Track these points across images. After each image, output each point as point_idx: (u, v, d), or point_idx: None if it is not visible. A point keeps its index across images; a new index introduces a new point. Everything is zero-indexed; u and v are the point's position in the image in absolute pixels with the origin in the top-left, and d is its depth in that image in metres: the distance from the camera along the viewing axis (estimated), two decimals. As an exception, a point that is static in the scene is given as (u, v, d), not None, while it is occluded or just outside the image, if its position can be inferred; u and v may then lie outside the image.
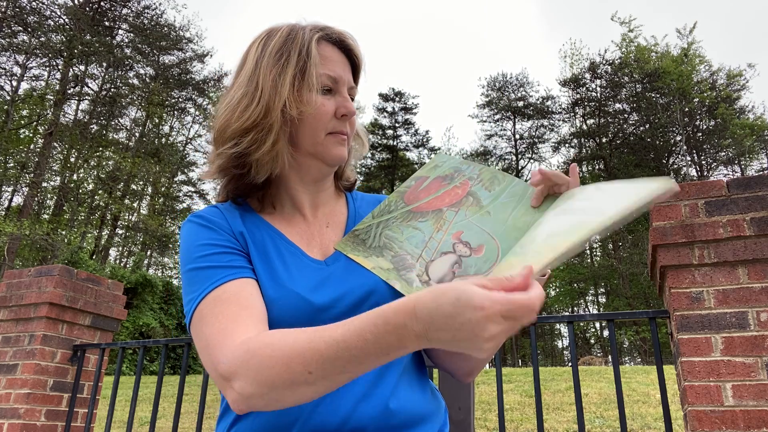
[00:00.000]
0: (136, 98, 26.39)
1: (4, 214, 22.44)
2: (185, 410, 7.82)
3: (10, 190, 23.98)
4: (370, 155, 36.77)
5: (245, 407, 0.72)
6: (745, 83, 30.09)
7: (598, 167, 33.35)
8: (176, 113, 30.47)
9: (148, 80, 27.04)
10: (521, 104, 35.41)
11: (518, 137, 35.71)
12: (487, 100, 36.36)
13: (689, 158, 31.25)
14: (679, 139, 30.86)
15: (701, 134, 30.93)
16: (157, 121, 29.09)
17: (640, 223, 27.54)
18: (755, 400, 1.87)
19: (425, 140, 37.43)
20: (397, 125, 37.00)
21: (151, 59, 26.76)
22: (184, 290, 0.87)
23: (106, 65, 24.73)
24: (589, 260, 31.90)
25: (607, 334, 30.31)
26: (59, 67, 23.04)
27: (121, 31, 25.87)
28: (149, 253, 28.26)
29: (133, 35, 25.87)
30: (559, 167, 34.50)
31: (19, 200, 23.61)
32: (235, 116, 0.91)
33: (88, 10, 24.22)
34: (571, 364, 4.18)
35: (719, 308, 2.00)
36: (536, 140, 35.36)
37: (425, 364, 1.00)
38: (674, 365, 2.19)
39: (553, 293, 33.12)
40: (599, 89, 33.20)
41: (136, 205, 28.51)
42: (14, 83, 22.39)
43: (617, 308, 27.92)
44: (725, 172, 31.11)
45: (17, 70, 22.31)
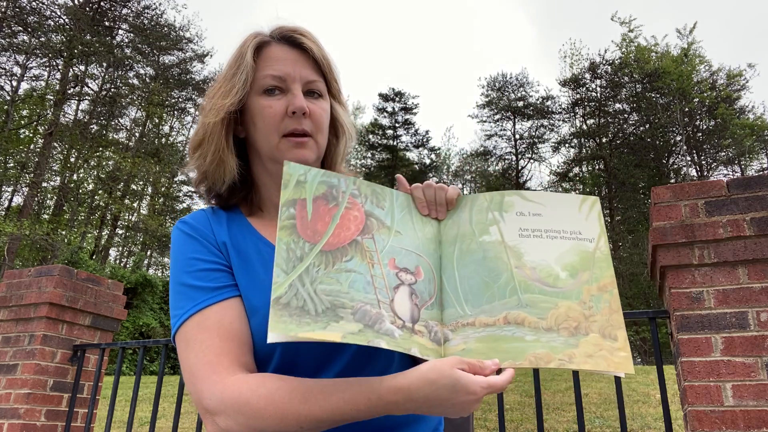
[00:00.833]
0: (136, 98, 26.36)
1: (4, 214, 22.44)
2: (185, 410, 7.81)
3: (10, 190, 23.97)
4: (370, 155, 36.79)
5: None
6: (745, 83, 30.07)
7: (598, 167, 33.32)
8: (176, 113, 30.45)
9: (148, 80, 27.02)
10: (521, 104, 35.37)
11: (518, 137, 35.68)
12: (487, 100, 36.32)
13: (689, 158, 31.24)
14: (679, 139, 30.84)
15: (701, 134, 30.91)
16: (157, 121, 29.07)
17: (640, 223, 27.54)
18: (755, 400, 1.87)
19: (425, 140, 37.41)
20: (397, 125, 36.97)
21: (151, 59, 26.74)
22: (170, 302, 0.91)
23: (106, 65, 24.71)
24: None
25: (607, 334, 30.04)
26: (59, 67, 23.02)
27: (121, 31, 25.85)
28: (149, 253, 28.25)
29: (133, 35, 25.85)
30: (559, 167, 34.53)
31: (19, 200, 23.61)
32: (193, 134, 0.99)
33: (88, 10, 24.20)
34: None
35: (719, 308, 2.00)
36: (536, 140, 35.32)
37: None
38: (674, 365, 2.19)
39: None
40: (599, 89, 33.18)
41: (136, 205, 28.51)
42: (14, 83, 22.39)
43: (617, 308, 27.70)
44: (725, 172, 31.10)
45: (17, 70, 22.30)
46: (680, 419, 5.84)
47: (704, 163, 31.16)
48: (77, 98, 24.97)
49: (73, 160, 24.38)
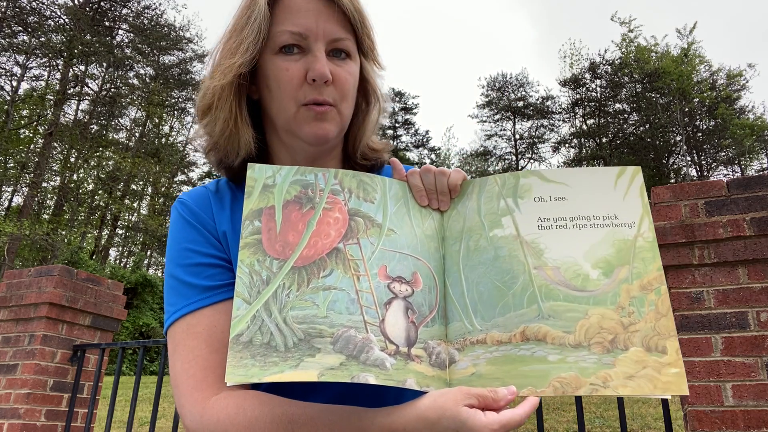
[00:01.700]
0: (136, 98, 26.38)
1: (4, 214, 22.45)
2: (185, 410, 7.82)
3: (10, 190, 23.98)
4: (370, 155, 36.84)
5: None
6: (745, 83, 30.08)
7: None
8: (176, 113, 30.47)
9: (148, 80, 27.04)
10: (521, 104, 35.41)
11: (518, 137, 35.71)
12: (487, 100, 36.36)
13: (689, 158, 31.25)
14: (679, 139, 30.85)
15: (701, 134, 30.92)
16: (157, 121, 29.09)
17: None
18: (755, 400, 1.87)
19: (425, 140, 37.48)
20: (397, 125, 37.01)
21: (151, 59, 26.75)
22: (165, 293, 0.84)
23: (106, 65, 24.72)
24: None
25: (607, 334, 30.12)
26: (59, 67, 23.04)
27: (121, 31, 25.87)
28: (149, 253, 28.26)
29: (133, 35, 25.87)
30: (559, 167, 34.50)
31: (19, 200, 23.62)
32: (200, 96, 0.84)
33: (88, 10, 24.21)
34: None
35: (719, 308, 2.00)
36: (536, 140, 35.35)
37: None
38: (674, 365, 2.19)
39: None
40: (599, 89, 33.20)
41: (136, 205, 28.53)
42: (14, 83, 22.40)
43: (617, 308, 27.78)
44: (725, 172, 31.12)
45: (17, 70, 22.31)
46: (680, 419, 5.84)
47: (704, 163, 31.17)
48: (77, 98, 24.99)
49: (73, 160, 24.39)
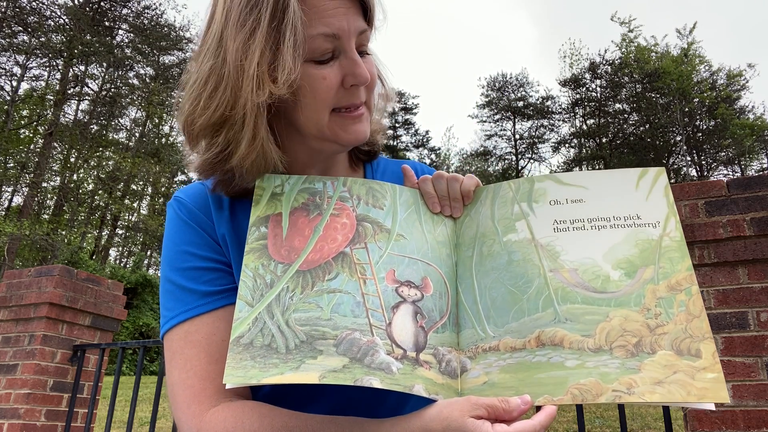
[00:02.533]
0: (136, 98, 26.38)
1: (4, 214, 22.45)
2: (185, 410, 7.83)
3: (10, 190, 23.99)
4: (370, 155, 36.84)
5: None
6: (745, 83, 30.08)
7: (598, 167, 33.34)
8: (176, 113, 30.50)
9: (148, 80, 27.03)
10: (521, 104, 35.42)
11: (518, 137, 35.71)
12: (487, 100, 36.36)
13: (689, 158, 31.25)
14: (679, 139, 30.85)
15: (701, 134, 30.92)
16: (157, 121, 29.09)
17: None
18: (755, 400, 1.87)
19: (425, 140, 37.48)
20: (397, 125, 37.00)
21: (151, 59, 26.75)
22: (161, 296, 0.79)
23: (106, 65, 24.72)
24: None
25: (607, 334, 30.11)
26: (59, 67, 23.04)
27: (121, 31, 25.87)
28: (149, 253, 28.26)
29: (133, 35, 25.86)
30: (559, 167, 34.52)
31: (19, 200, 23.62)
32: (200, 107, 0.72)
33: (88, 10, 24.21)
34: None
35: (719, 308, 2.00)
36: (536, 140, 35.36)
37: None
38: (674, 365, 2.19)
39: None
40: (599, 89, 33.21)
41: (136, 205, 28.53)
42: (14, 83, 22.39)
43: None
44: (725, 172, 31.13)
45: (17, 70, 22.31)
46: (680, 419, 5.84)
47: (704, 163, 31.18)
48: (77, 98, 24.99)
49: (73, 160, 24.39)
